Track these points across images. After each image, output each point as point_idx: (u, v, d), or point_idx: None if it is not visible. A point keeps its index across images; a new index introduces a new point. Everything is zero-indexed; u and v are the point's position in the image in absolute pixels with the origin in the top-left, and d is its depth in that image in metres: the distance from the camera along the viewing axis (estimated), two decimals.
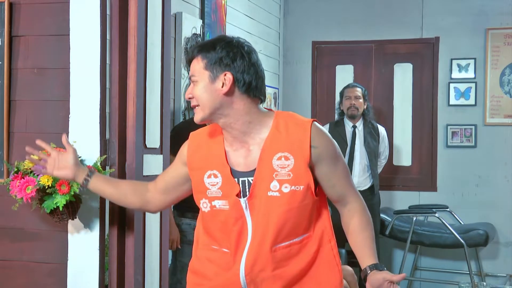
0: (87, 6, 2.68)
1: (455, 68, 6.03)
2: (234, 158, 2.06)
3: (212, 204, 2.06)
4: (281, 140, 2.01)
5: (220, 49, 1.99)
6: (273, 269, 2.03)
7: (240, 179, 2.04)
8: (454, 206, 5.88)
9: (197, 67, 2.03)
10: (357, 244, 2.12)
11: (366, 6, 6.22)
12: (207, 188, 2.06)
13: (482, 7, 5.91)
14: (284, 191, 2.00)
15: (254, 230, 2.03)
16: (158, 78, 2.95)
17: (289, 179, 1.99)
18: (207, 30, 4.56)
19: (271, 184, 2.00)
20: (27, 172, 2.56)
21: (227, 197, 2.04)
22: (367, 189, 5.23)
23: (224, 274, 2.07)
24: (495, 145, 5.92)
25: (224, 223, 2.05)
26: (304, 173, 2.00)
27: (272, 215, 2.00)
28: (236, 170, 2.05)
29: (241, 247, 2.04)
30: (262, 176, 2.01)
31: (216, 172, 2.05)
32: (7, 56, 2.77)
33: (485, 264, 5.82)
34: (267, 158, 2.01)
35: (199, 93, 2.03)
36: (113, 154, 2.72)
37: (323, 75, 6.35)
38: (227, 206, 2.04)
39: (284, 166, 1.99)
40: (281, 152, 2.00)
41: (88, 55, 2.68)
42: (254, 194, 2.01)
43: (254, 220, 2.02)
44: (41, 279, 2.75)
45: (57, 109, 2.73)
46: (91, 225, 2.69)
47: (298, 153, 2.00)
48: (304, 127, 2.02)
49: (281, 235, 2.03)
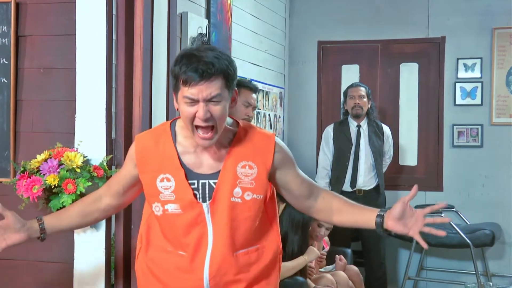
0: (93, 6, 2.69)
1: (461, 68, 6.01)
2: (192, 159, 2.03)
3: (164, 208, 2.03)
4: (246, 147, 2.03)
5: (233, 64, 1.96)
6: (236, 274, 2.06)
7: (200, 181, 2.02)
8: (460, 206, 5.86)
9: (219, 85, 1.91)
10: (353, 211, 2.12)
11: (371, 6, 6.21)
12: (160, 192, 2.03)
13: (489, 6, 5.89)
14: (246, 198, 2.02)
15: (215, 235, 2.02)
16: (164, 78, 2.95)
17: (251, 187, 2.02)
18: (212, 30, 4.57)
19: (234, 190, 2.01)
20: (34, 172, 2.57)
21: (180, 201, 2.01)
22: (373, 188, 5.22)
23: (185, 278, 2.05)
24: (502, 145, 5.90)
25: (181, 227, 2.03)
26: (264, 184, 2.04)
27: (234, 221, 2.02)
28: (196, 172, 2.02)
29: (201, 251, 2.03)
30: (226, 181, 2.01)
31: (169, 176, 2.01)
32: (13, 56, 2.78)
33: (491, 264, 5.81)
34: (232, 164, 2.01)
35: (221, 113, 1.93)
36: (119, 154, 2.73)
37: (328, 74, 6.34)
38: (180, 210, 2.01)
39: (248, 175, 2.02)
40: (245, 161, 2.02)
41: (94, 55, 2.69)
42: (217, 199, 2.01)
43: (215, 225, 2.02)
44: (48, 278, 2.76)
45: (63, 109, 2.74)
46: (97, 224, 2.69)
47: (260, 163, 2.03)
48: (268, 136, 2.07)
49: (241, 241, 2.05)
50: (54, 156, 2.58)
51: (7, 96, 2.79)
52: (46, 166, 2.55)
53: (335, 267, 4.35)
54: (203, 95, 1.90)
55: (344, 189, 5.17)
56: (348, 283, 4.21)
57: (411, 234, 2.01)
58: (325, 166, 5.33)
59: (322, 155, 5.39)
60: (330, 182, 5.28)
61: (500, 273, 5.81)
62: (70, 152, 2.60)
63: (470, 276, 5.60)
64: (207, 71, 1.88)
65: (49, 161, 2.56)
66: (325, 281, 3.98)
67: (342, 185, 5.19)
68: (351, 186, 5.18)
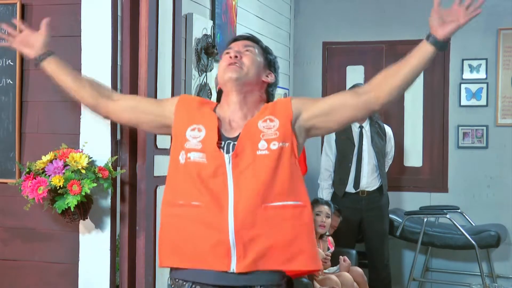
0: (98, 7, 2.69)
1: (467, 69, 6.00)
2: (225, 126, 2.13)
3: (187, 155, 2.06)
4: (267, 109, 2.15)
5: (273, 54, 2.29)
6: (265, 227, 2.00)
7: (226, 141, 2.08)
8: (465, 207, 5.85)
9: (254, 45, 2.21)
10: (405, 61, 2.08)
11: (376, 7, 6.20)
12: (187, 140, 2.08)
13: (494, 7, 5.87)
14: (273, 148, 2.05)
15: (236, 186, 2.01)
16: (169, 79, 2.96)
17: (276, 137, 2.06)
18: (217, 31, 4.57)
19: (259, 143, 2.05)
20: (39, 173, 2.57)
21: (205, 150, 2.05)
22: (376, 189, 5.20)
23: (208, 233, 2.00)
24: (507, 146, 5.88)
25: (199, 176, 2.03)
26: (289, 132, 2.09)
27: (261, 172, 2.02)
28: (225, 135, 2.10)
29: (222, 203, 2.00)
30: (247, 136, 2.06)
31: (201, 127, 2.10)
32: (19, 57, 2.78)
33: (496, 266, 5.79)
34: (253, 122, 2.10)
35: (250, 60, 2.17)
36: (124, 154, 2.73)
37: (333, 75, 6.33)
38: (204, 159, 2.04)
39: (270, 127, 2.08)
40: (265, 116, 2.11)
41: (99, 56, 2.69)
42: (239, 152, 2.04)
43: (237, 177, 2.01)
44: (53, 279, 2.76)
45: (69, 110, 2.74)
46: (102, 225, 2.69)
47: (281, 115, 2.11)
48: (285, 98, 2.26)
49: (272, 193, 2.01)
50: (59, 157, 2.59)
51: (12, 97, 2.80)
52: (51, 167, 2.55)
53: (339, 268, 4.35)
54: (239, 46, 2.19)
55: (347, 190, 5.17)
56: (353, 284, 4.22)
57: (463, 21, 2.08)
58: (328, 167, 5.32)
59: (325, 156, 5.37)
60: (333, 184, 5.27)
61: (505, 275, 5.79)
62: (75, 153, 2.60)
63: (476, 277, 5.58)
64: (244, 35, 2.27)
65: (54, 162, 2.56)
66: (330, 283, 3.98)
67: (345, 186, 5.18)
68: (354, 187, 5.17)
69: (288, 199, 2.04)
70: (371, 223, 5.15)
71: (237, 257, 1.99)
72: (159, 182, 2.79)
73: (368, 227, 5.16)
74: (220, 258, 1.99)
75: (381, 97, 2.09)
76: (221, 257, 1.99)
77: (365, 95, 2.11)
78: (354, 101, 2.12)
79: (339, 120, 2.15)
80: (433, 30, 2.07)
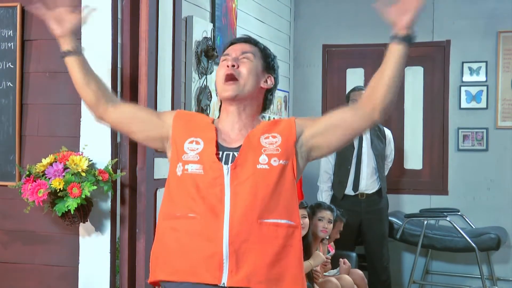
0: (98, 10, 2.69)
1: (467, 71, 6.00)
2: (222, 136, 2.12)
3: (184, 167, 2.06)
4: (269, 125, 2.14)
5: (272, 55, 2.24)
6: (258, 242, 1.99)
7: (225, 152, 2.07)
8: (465, 209, 5.84)
9: (253, 50, 2.17)
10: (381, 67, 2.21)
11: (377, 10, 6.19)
12: (184, 153, 2.08)
13: (494, 9, 5.88)
14: (273, 164, 2.04)
15: (233, 199, 1.99)
16: (169, 82, 2.96)
17: (277, 153, 2.05)
18: (217, 33, 4.57)
19: (260, 157, 2.04)
20: (39, 176, 2.57)
21: (202, 162, 2.05)
22: (375, 192, 5.20)
23: (202, 245, 1.99)
24: (507, 149, 5.88)
25: (196, 187, 2.02)
26: (290, 150, 2.08)
27: (259, 186, 2.01)
28: (223, 145, 2.09)
29: (217, 212, 1.99)
30: (248, 149, 2.06)
31: (199, 140, 2.09)
32: (19, 60, 2.78)
33: (497, 268, 5.78)
34: (254, 136, 2.09)
35: (248, 70, 2.13)
36: (124, 157, 2.73)
37: (333, 78, 6.33)
38: (201, 170, 2.04)
39: (272, 143, 2.08)
40: (267, 133, 2.10)
41: (99, 58, 2.69)
42: (239, 163, 2.03)
43: (235, 189, 2.00)
44: (53, 282, 2.76)
45: (69, 113, 2.74)
46: (102, 228, 2.69)
47: (284, 133, 2.10)
48: (289, 118, 2.20)
49: (268, 209, 2.00)
50: (59, 160, 2.59)
51: (12, 100, 2.80)
52: (52, 170, 2.55)
53: (339, 270, 4.35)
54: (236, 52, 2.15)
55: (346, 193, 5.16)
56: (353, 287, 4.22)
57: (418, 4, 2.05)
58: (327, 170, 5.32)
59: (324, 159, 5.35)
60: (333, 186, 5.27)
61: (505, 277, 5.79)
62: (75, 156, 2.60)
63: (476, 280, 5.58)
64: (242, 38, 2.22)
65: (54, 165, 2.56)
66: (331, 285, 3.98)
67: (345, 189, 5.17)
68: (353, 190, 5.16)
69: (283, 217, 2.04)
70: (370, 225, 5.15)
71: (229, 270, 1.98)
72: (159, 185, 2.79)
73: (367, 230, 5.16)
74: (212, 271, 1.99)
75: (376, 106, 2.11)
76: (213, 269, 1.99)
77: (361, 109, 2.12)
78: (353, 116, 2.12)
79: (340, 137, 2.14)
80: (394, 27, 2.10)
